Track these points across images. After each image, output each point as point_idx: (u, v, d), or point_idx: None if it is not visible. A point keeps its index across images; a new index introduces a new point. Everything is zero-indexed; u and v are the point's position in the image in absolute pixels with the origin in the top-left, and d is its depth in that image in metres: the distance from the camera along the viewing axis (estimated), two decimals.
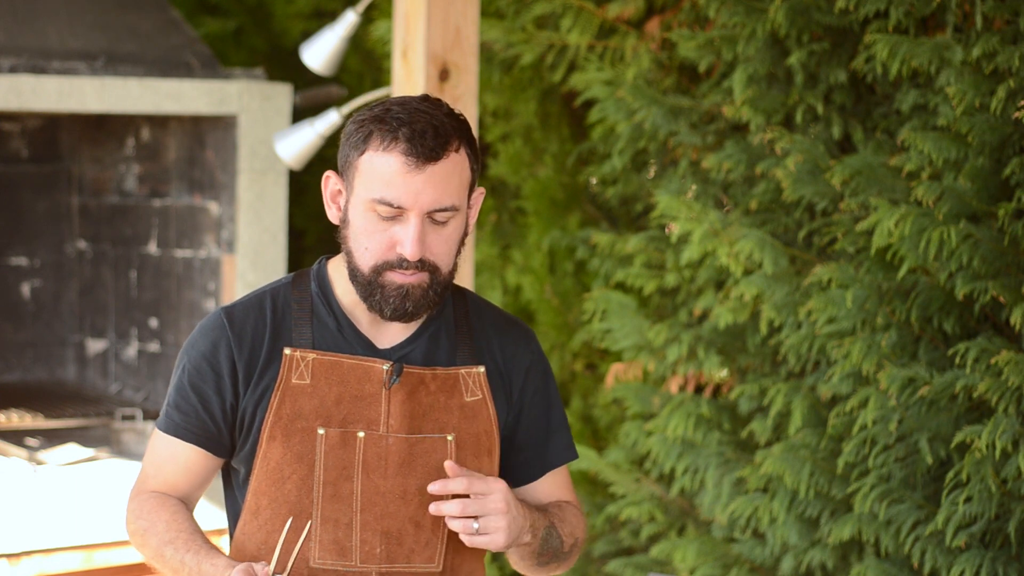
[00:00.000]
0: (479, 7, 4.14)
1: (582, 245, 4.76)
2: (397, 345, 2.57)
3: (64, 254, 5.63)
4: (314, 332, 2.55)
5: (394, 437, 2.52)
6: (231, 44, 6.23)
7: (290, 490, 2.52)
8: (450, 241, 2.50)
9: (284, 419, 2.52)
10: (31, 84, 4.81)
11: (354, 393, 2.53)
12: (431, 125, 2.44)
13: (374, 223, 2.47)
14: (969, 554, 3.47)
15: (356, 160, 2.48)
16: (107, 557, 4.59)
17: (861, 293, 3.67)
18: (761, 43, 3.97)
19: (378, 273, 2.47)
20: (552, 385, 2.68)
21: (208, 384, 2.54)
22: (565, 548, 2.60)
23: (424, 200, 2.44)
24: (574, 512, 2.66)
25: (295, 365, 2.54)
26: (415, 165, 2.43)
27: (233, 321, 2.55)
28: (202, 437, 2.56)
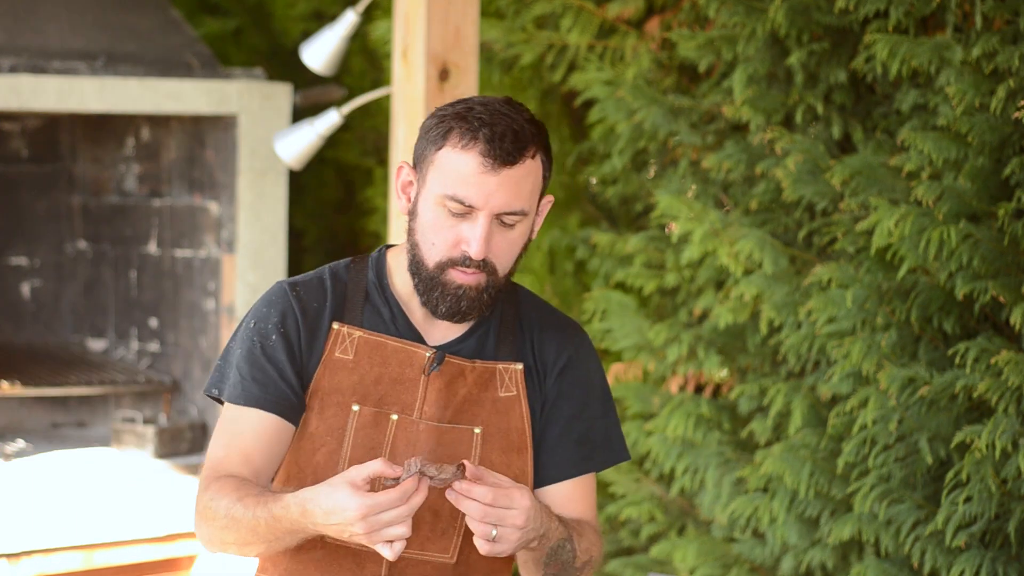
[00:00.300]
0: (479, 7, 4.14)
1: (582, 245, 4.76)
2: (448, 342, 2.57)
3: (64, 254, 5.63)
4: (366, 315, 2.57)
5: (425, 424, 2.53)
6: (231, 44, 6.23)
7: (319, 461, 2.52)
8: (514, 245, 2.51)
9: (322, 391, 2.53)
10: (31, 84, 4.81)
11: (394, 375, 2.54)
12: (511, 129, 2.45)
13: (443, 219, 2.47)
14: (969, 554, 3.47)
15: (433, 154, 2.48)
16: (107, 557, 4.60)
17: (861, 293, 3.67)
18: (761, 43, 3.97)
19: (441, 270, 2.49)
20: (589, 396, 2.63)
21: (281, 352, 2.53)
22: (577, 564, 2.56)
23: (495, 202, 2.45)
24: (591, 530, 2.62)
25: (340, 340, 2.55)
26: (491, 167, 2.44)
27: (298, 293, 2.56)
28: (282, 405, 2.53)
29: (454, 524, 2.54)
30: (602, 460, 2.64)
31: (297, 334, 2.55)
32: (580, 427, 2.61)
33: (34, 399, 5.31)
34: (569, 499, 2.62)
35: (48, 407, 5.40)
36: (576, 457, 2.61)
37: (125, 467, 4.93)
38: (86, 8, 5.25)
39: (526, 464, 2.58)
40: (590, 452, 2.62)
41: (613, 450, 2.66)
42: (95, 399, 5.39)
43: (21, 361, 5.33)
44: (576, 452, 2.61)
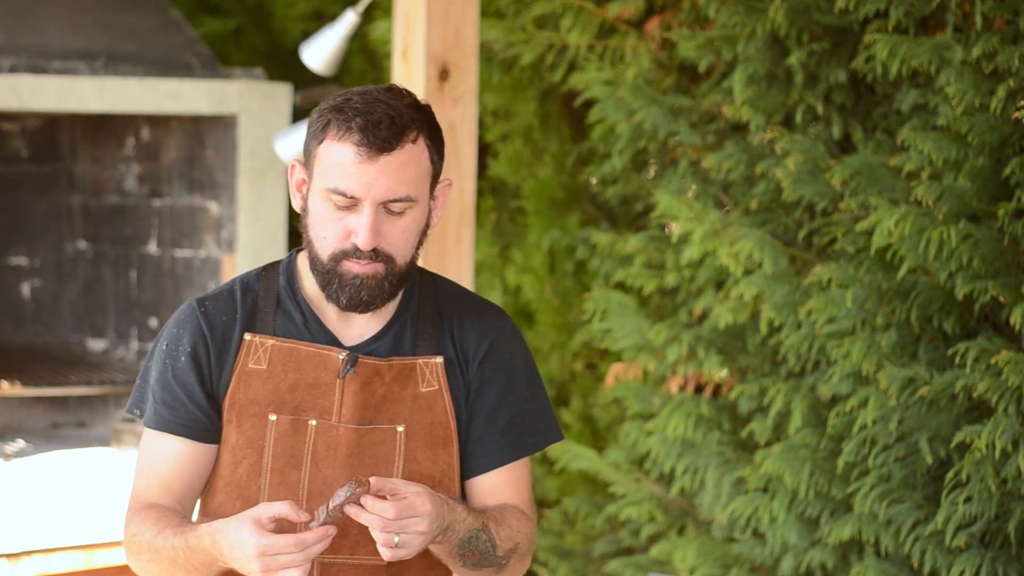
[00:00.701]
0: (479, 7, 4.14)
1: (582, 245, 4.76)
2: (363, 343, 2.56)
3: (64, 254, 5.63)
4: (278, 323, 2.56)
5: (344, 427, 2.51)
6: (231, 44, 6.23)
7: (242, 475, 2.52)
8: (407, 232, 2.49)
9: (239, 403, 2.53)
10: (31, 84, 4.81)
11: (309, 381, 2.53)
12: (387, 115, 2.44)
13: (331, 212, 2.47)
14: (969, 554, 3.47)
15: (315, 149, 2.49)
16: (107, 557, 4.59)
17: (861, 293, 3.67)
18: (761, 43, 3.97)
19: (336, 262, 2.47)
20: (513, 381, 2.61)
21: (191, 376, 2.54)
22: (498, 552, 2.53)
23: (377, 190, 2.44)
24: (519, 517, 2.59)
25: (253, 350, 2.54)
26: (367, 155, 2.43)
27: (206, 311, 2.57)
28: (193, 429, 2.54)
29: None
30: (531, 444, 2.63)
31: (206, 353, 2.55)
32: (506, 413, 2.59)
33: (34, 399, 5.31)
34: (498, 487, 2.60)
35: (48, 407, 5.39)
36: (503, 445, 2.59)
37: (125, 467, 4.93)
38: (86, 8, 5.25)
39: (452, 458, 2.57)
40: (518, 438, 2.60)
41: (542, 432, 2.64)
42: (95, 399, 5.39)
43: (21, 361, 5.33)
44: (503, 440, 2.59)
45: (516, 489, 2.62)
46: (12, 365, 5.23)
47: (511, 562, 2.57)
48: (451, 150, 4.12)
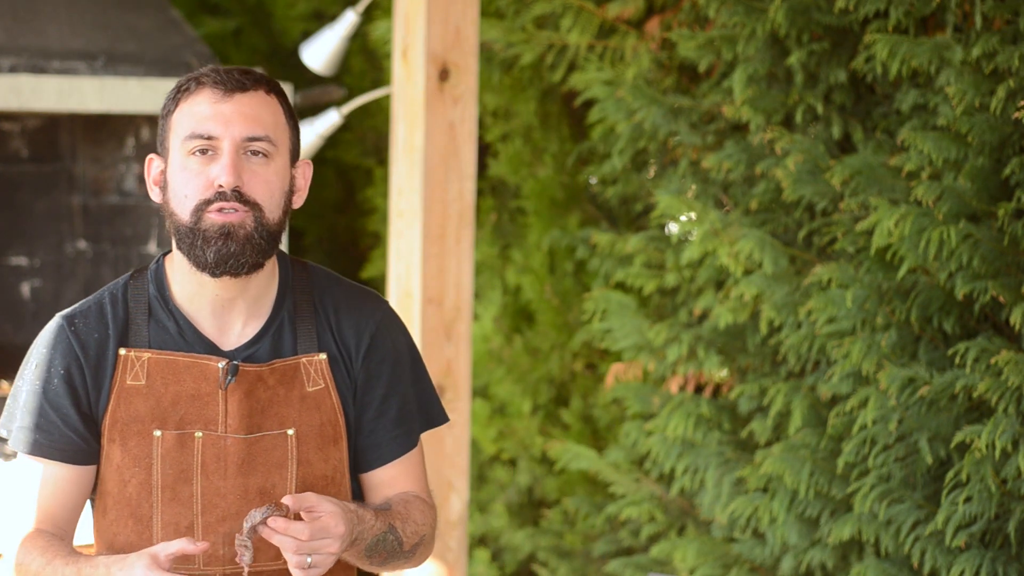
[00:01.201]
0: (479, 7, 4.14)
1: (582, 245, 4.76)
2: (241, 346, 2.51)
3: (64, 254, 5.63)
4: (152, 334, 2.51)
5: (232, 438, 2.47)
6: (231, 44, 6.24)
7: (131, 493, 2.48)
8: (271, 185, 2.44)
9: (120, 421, 2.48)
10: (31, 84, 4.81)
11: (190, 393, 2.48)
12: (238, 69, 2.47)
13: (192, 166, 2.43)
14: (969, 554, 3.47)
15: (170, 121, 2.47)
16: None
17: (861, 293, 3.67)
18: (761, 43, 3.97)
19: (198, 216, 2.41)
20: (398, 369, 2.59)
21: (64, 398, 2.50)
22: (405, 548, 2.53)
23: (236, 128, 2.42)
24: (420, 507, 2.58)
25: (130, 366, 2.49)
26: (223, 94, 2.43)
27: (76, 330, 2.51)
28: (68, 452, 2.50)
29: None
30: (420, 429, 2.63)
31: (81, 374, 2.50)
32: (395, 404, 2.58)
33: None
34: (395, 478, 2.60)
35: None
36: (397, 435, 2.58)
37: None
38: (86, 8, 5.25)
39: (342, 453, 2.55)
40: (409, 427, 2.60)
41: (429, 415, 2.64)
42: None
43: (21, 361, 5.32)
44: (396, 430, 2.58)
45: (413, 476, 2.62)
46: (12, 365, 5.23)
47: (417, 553, 2.57)
48: (451, 150, 4.12)
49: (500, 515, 5.09)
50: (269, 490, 2.49)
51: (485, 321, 5.16)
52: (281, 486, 2.49)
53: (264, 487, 2.49)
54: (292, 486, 2.50)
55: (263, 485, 2.49)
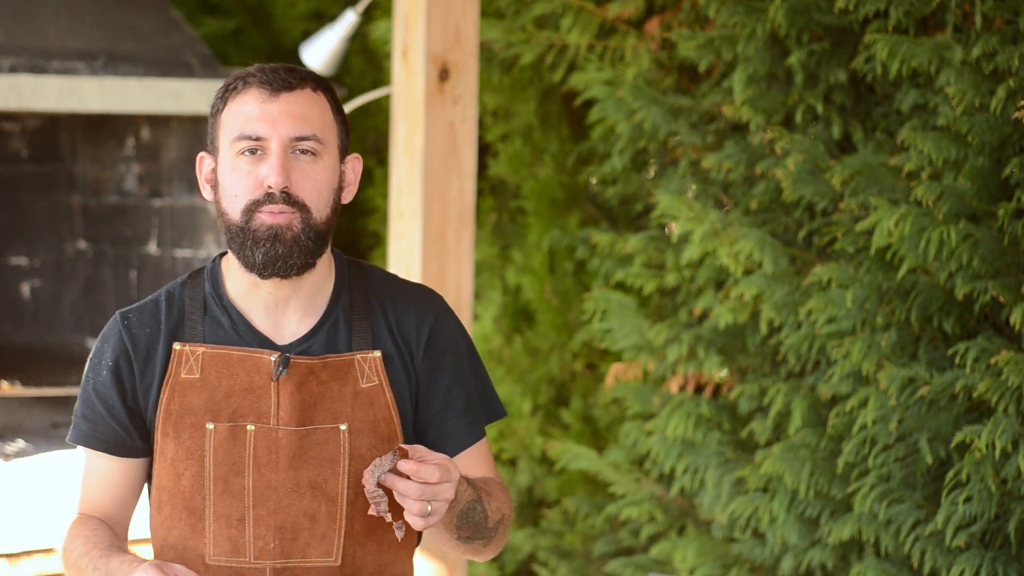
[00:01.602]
0: (479, 7, 4.14)
1: (582, 245, 4.76)
2: (295, 342, 2.53)
3: (64, 254, 5.63)
4: (207, 330, 2.53)
5: (284, 430, 2.49)
6: (231, 44, 6.24)
7: (185, 486, 2.51)
8: (319, 184, 2.46)
9: (174, 415, 2.51)
10: (31, 84, 4.81)
11: (244, 386, 2.50)
12: (284, 67, 2.48)
13: (241, 167, 2.44)
14: (969, 554, 3.47)
15: (218, 121, 2.49)
16: None
17: (861, 293, 3.67)
18: (761, 43, 3.96)
19: (248, 216, 2.43)
20: (458, 362, 2.59)
21: (112, 391, 2.53)
22: (489, 524, 2.52)
23: (283, 128, 2.43)
24: (502, 489, 2.59)
25: (184, 360, 2.52)
26: (269, 94, 2.44)
27: (130, 326, 2.54)
28: (111, 444, 2.54)
29: (333, 526, 2.51)
30: (485, 420, 2.62)
31: (129, 368, 2.53)
32: (461, 394, 2.58)
33: (34, 399, 5.31)
34: (470, 467, 2.59)
35: (48, 407, 5.39)
36: (466, 424, 2.58)
37: None
38: (86, 8, 5.25)
39: None
40: (476, 416, 2.60)
41: (491, 408, 2.64)
42: None
43: (21, 361, 5.33)
44: (465, 419, 2.58)
45: (486, 464, 2.62)
46: (12, 365, 5.24)
47: (498, 533, 2.56)
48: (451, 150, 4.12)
49: None
50: (321, 484, 2.49)
51: (485, 321, 5.17)
52: (333, 481, 2.49)
53: (316, 481, 2.49)
54: (344, 481, 2.50)
55: (314, 479, 2.49)
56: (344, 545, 2.51)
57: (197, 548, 2.50)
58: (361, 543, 2.52)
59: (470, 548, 2.55)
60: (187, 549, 2.52)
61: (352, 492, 2.50)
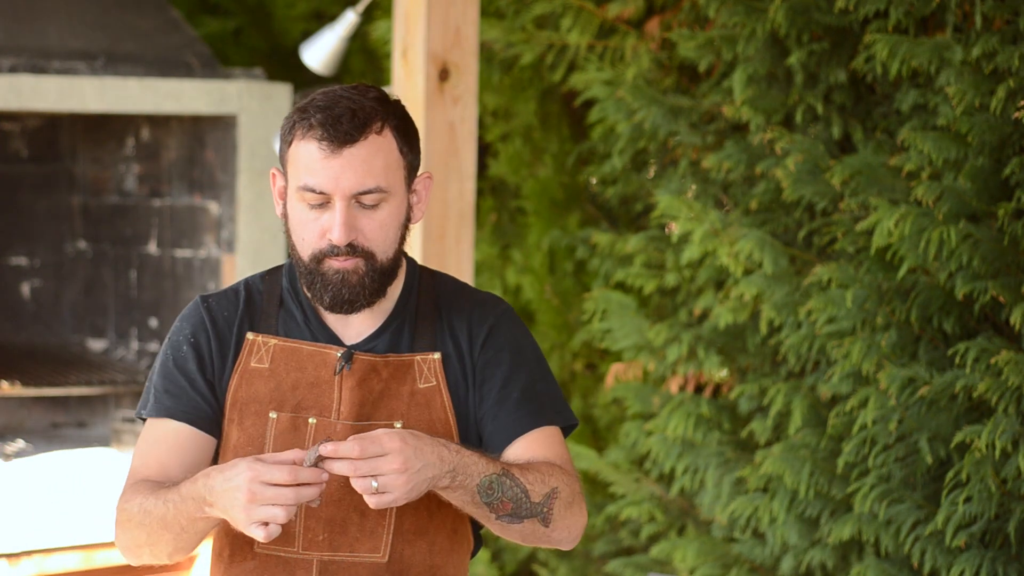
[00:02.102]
0: (479, 7, 4.14)
1: (582, 245, 4.76)
2: (361, 341, 2.56)
3: (64, 254, 5.63)
4: (279, 322, 2.58)
5: (342, 424, 2.51)
6: (231, 44, 6.23)
7: None
8: (385, 227, 2.48)
9: (240, 402, 2.54)
10: (31, 84, 4.81)
11: (310, 380, 2.53)
12: (349, 109, 2.45)
13: (306, 212, 2.48)
14: (969, 554, 3.47)
15: (287, 153, 2.51)
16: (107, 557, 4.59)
17: (861, 293, 3.67)
18: (761, 43, 3.97)
19: (317, 262, 2.48)
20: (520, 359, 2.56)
21: (192, 364, 2.56)
22: (533, 499, 2.44)
23: (345, 184, 2.44)
24: (549, 465, 2.49)
25: (256, 349, 2.56)
26: (331, 149, 2.44)
27: (210, 307, 2.59)
28: (193, 415, 2.54)
29: (382, 522, 2.51)
30: (552, 418, 2.55)
31: (207, 343, 2.56)
32: (517, 388, 2.54)
33: (34, 399, 5.31)
34: (522, 454, 2.52)
35: (48, 407, 5.39)
36: (521, 415, 2.53)
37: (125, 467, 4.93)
38: (86, 8, 5.25)
39: None
40: (537, 408, 2.54)
41: (561, 411, 2.58)
42: (95, 399, 5.39)
43: (21, 361, 5.33)
44: (519, 411, 2.53)
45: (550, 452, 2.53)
46: (12, 365, 5.23)
47: (555, 510, 2.46)
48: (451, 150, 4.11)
49: None
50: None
51: None
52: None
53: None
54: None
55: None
56: (392, 542, 2.51)
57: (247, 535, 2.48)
58: (410, 541, 2.52)
59: (529, 532, 2.46)
60: (237, 536, 2.52)
61: None
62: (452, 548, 2.57)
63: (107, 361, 5.46)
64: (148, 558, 2.52)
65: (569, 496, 2.50)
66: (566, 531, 2.51)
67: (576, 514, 2.52)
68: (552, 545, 2.53)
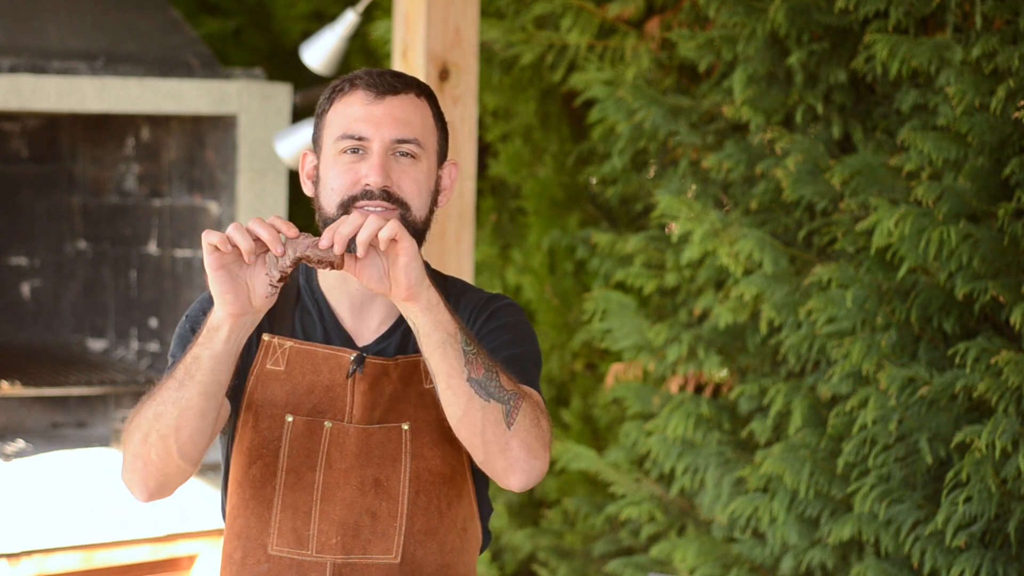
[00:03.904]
0: (479, 7, 4.14)
1: (582, 245, 4.76)
2: (373, 341, 2.57)
3: (64, 254, 5.63)
4: (295, 321, 2.59)
5: (354, 427, 2.53)
6: (231, 44, 6.24)
7: (255, 474, 2.53)
8: (419, 183, 2.51)
9: (256, 403, 2.55)
10: (31, 84, 4.81)
11: (325, 383, 2.55)
12: (390, 71, 2.53)
13: (342, 164, 2.50)
14: (969, 554, 3.47)
15: (324, 121, 2.55)
16: (107, 557, 4.59)
17: (861, 293, 3.67)
18: (761, 43, 3.97)
19: (344, 210, 2.48)
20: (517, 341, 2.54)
21: None
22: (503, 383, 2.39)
23: (386, 130, 2.49)
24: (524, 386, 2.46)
25: (272, 351, 2.57)
26: (375, 96, 2.50)
27: None
28: None
29: (394, 524, 2.52)
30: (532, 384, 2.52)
31: None
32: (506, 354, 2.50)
33: (34, 399, 5.31)
34: None
35: (48, 407, 5.40)
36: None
37: None
38: (86, 8, 5.25)
39: (460, 453, 2.55)
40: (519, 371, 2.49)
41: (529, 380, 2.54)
42: (95, 399, 5.39)
43: (21, 361, 5.33)
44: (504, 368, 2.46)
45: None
46: (12, 365, 5.24)
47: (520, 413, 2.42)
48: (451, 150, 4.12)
49: (500, 515, 5.10)
50: (383, 482, 2.52)
51: None
52: (394, 479, 2.52)
53: (379, 478, 2.52)
54: (406, 479, 2.52)
55: (378, 476, 2.52)
56: (404, 543, 2.53)
57: (260, 537, 2.53)
58: (422, 542, 2.54)
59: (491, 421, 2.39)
60: (250, 538, 2.54)
61: (413, 490, 2.52)
62: (463, 547, 2.59)
63: (107, 361, 5.46)
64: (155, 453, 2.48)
65: (534, 414, 2.42)
66: (524, 449, 2.41)
67: (537, 438, 2.43)
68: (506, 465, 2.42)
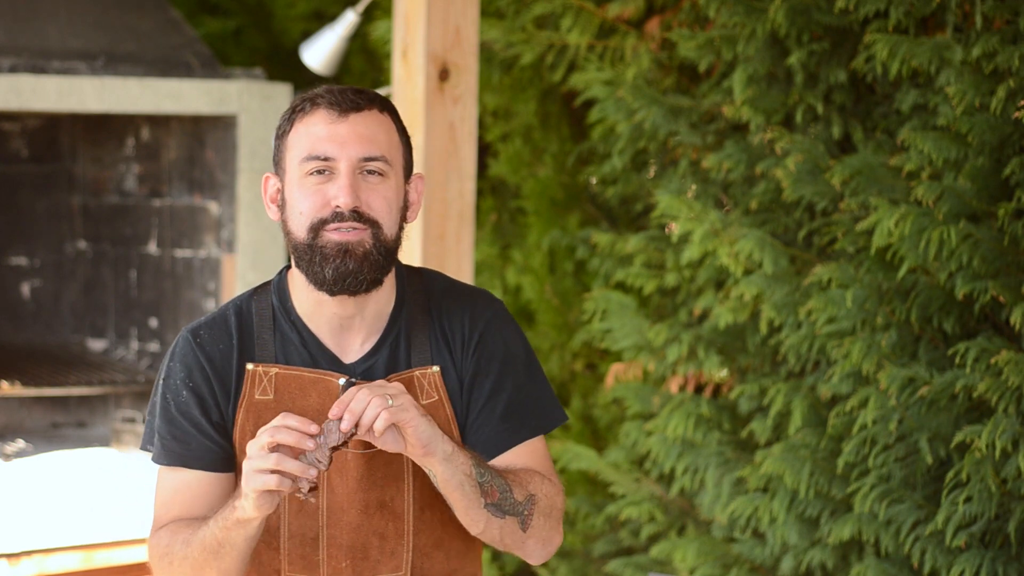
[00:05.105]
0: (479, 7, 4.14)
1: (582, 245, 4.76)
2: (360, 359, 2.53)
3: (64, 254, 5.63)
4: (277, 347, 2.54)
5: (352, 453, 2.50)
6: (231, 44, 6.24)
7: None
8: (388, 201, 2.47)
9: (250, 435, 2.50)
10: (31, 84, 4.81)
11: (316, 408, 2.50)
12: (351, 88, 2.49)
13: (308, 187, 2.46)
14: (969, 554, 3.47)
15: (286, 141, 2.50)
16: (107, 557, 4.59)
17: (861, 293, 3.67)
18: (761, 43, 3.97)
19: (315, 234, 2.44)
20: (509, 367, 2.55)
21: (195, 410, 2.52)
22: (516, 496, 2.45)
23: (352, 149, 2.44)
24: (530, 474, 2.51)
25: (258, 380, 2.52)
26: (338, 114, 2.45)
27: (202, 343, 2.54)
28: (206, 459, 2.53)
29: (401, 542, 2.52)
30: (535, 427, 2.56)
31: (208, 384, 2.53)
32: (503, 400, 2.54)
33: (34, 399, 5.31)
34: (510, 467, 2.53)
35: (48, 407, 5.40)
36: (504, 432, 2.53)
37: (125, 467, 4.93)
38: (86, 8, 5.25)
39: None
40: (519, 424, 2.54)
41: (545, 415, 2.58)
42: (95, 399, 5.39)
43: (21, 361, 5.33)
44: (501, 426, 2.53)
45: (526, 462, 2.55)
46: (12, 365, 5.23)
47: (534, 516, 2.48)
48: (451, 150, 4.11)
49: None
50: (388, 503, 2.50)
51: None
52: (399, 499, 2.51)
53: (383, 500, 2.50)
54: (410, 498, 2.51)
55: (382, 498, 2.51)
56: (412, 559, 2.53)
57: (273, 563, 2.52)
58: (428, 554, 2.54)
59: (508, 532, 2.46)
60: (263, 564, 2.53)
61: (418, 507, 2.51)
62: (467, 550, 2.59)
63: (107, 361, 5.46)
64: None
65: (547, 506, 2.51)
66: (540, 543, 2.51)
67: (552, 528, 2.52)
68: (524, 555, 2.52)
